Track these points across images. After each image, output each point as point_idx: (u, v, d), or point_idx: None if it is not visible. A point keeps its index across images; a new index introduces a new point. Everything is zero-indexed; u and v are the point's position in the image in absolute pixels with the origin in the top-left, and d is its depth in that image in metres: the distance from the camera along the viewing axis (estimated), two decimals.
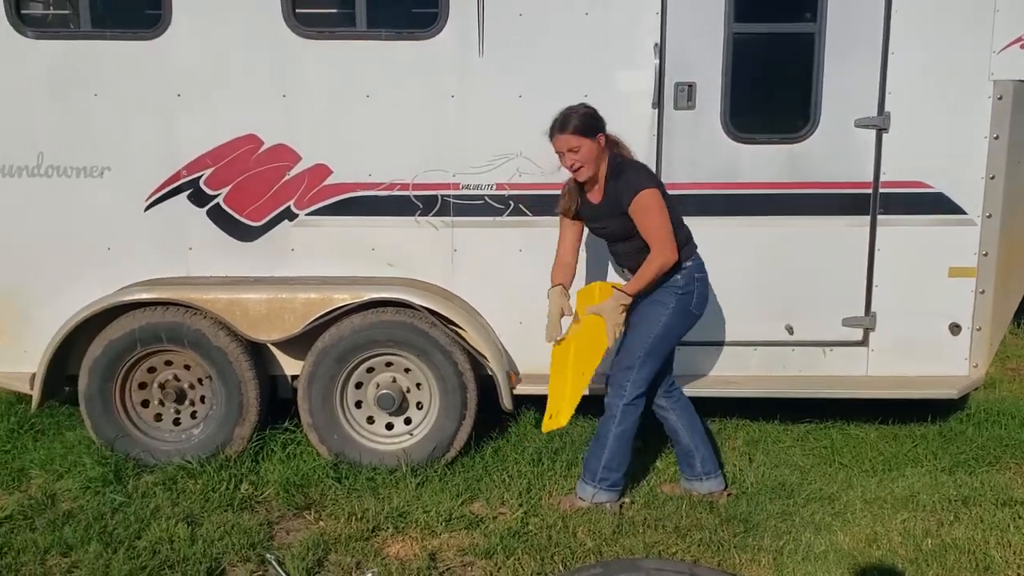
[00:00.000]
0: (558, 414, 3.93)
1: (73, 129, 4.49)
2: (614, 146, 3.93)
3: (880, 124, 4.45)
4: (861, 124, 4.46)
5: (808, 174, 4.51)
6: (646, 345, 3.93)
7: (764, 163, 4.50)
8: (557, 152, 3.87)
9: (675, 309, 3.91)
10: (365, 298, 4.37)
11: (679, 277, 3.90)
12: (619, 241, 3.97)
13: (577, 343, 3.98)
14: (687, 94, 4.43)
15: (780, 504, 4.08)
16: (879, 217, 4.54)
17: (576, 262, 4.13)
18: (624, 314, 3.88)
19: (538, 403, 4.83)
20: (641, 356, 3.93)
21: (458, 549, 3.72)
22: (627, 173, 3.84)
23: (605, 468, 4.01)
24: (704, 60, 4.41)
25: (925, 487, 4.22)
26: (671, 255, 3.78)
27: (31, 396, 4.48)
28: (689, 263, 3.91)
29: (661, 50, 4.39)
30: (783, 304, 4.65)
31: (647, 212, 3.76)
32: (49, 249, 4.58)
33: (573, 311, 4.03)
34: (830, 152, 4.49)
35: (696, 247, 3.99)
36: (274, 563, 3.54)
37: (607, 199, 3.89)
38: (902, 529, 3.84)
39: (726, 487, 4.20)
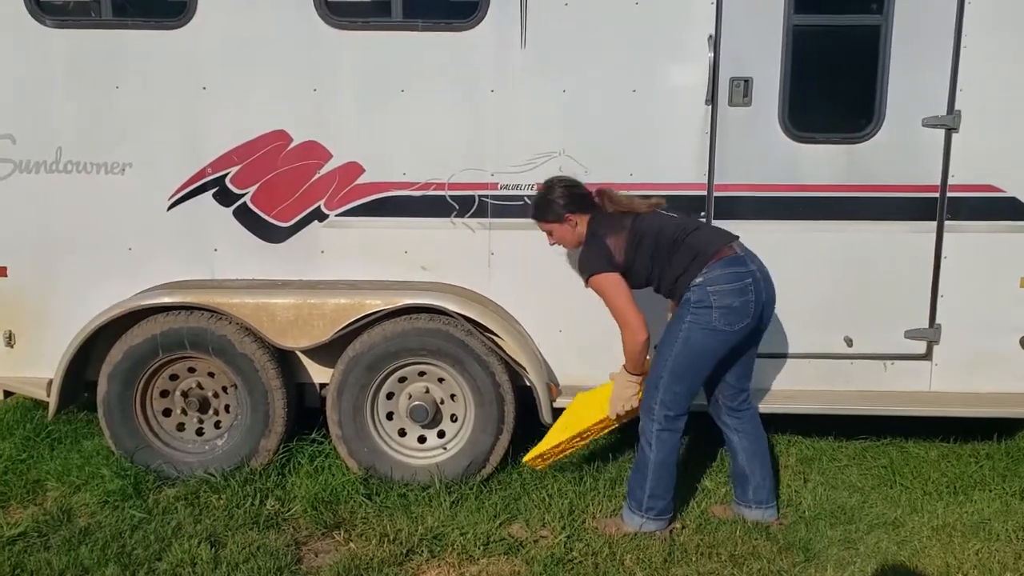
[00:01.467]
0: (539, 455, 4.04)
1: (93, 123, 4.27)
2: (598, 204, 3.86)
3: (949, 123, 4.16)
4: (929, 123, 4.17)
5: (870, 176, 4.23)
6: (667, 364, 3.67)
7: (824, 164, 4.22)
8: None
9: (692, 323, 3.62)
10: (398, 304, 4.13)
11: (690, 294, 3.63)
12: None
13: (584, 402, 4.05)
14: (743, 90, 4.15)
15: (841, 530, 3.81)
16: (946, 223, 4.25)
17: None
18: (635, 392, 3.81)
19: None
20: (665, 376, 3.68)
21: None
22: (585, 250, 3.81)
23: (651, 497, 3.75)
24: (762, 54, 4.13)
25: (996, 513, 3.94)
26: (636, 334, 3.66)
27: (47, 402, 4.27)
28: (699, 279, 3.61)
29: (716, 43, 4.11)
30: (842, 314, 4.36)
31: (602, 295, 3.73)
32: (67, 249, 4.37)
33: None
34: (895, 153, 4.20)
35: (712, 259, 3.63)
36: None
37: None
38: (976, 561, 3.56)
39: (778, 518, 3.93)
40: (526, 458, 4.09)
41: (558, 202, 3.82)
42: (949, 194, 4.22)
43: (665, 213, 3.85)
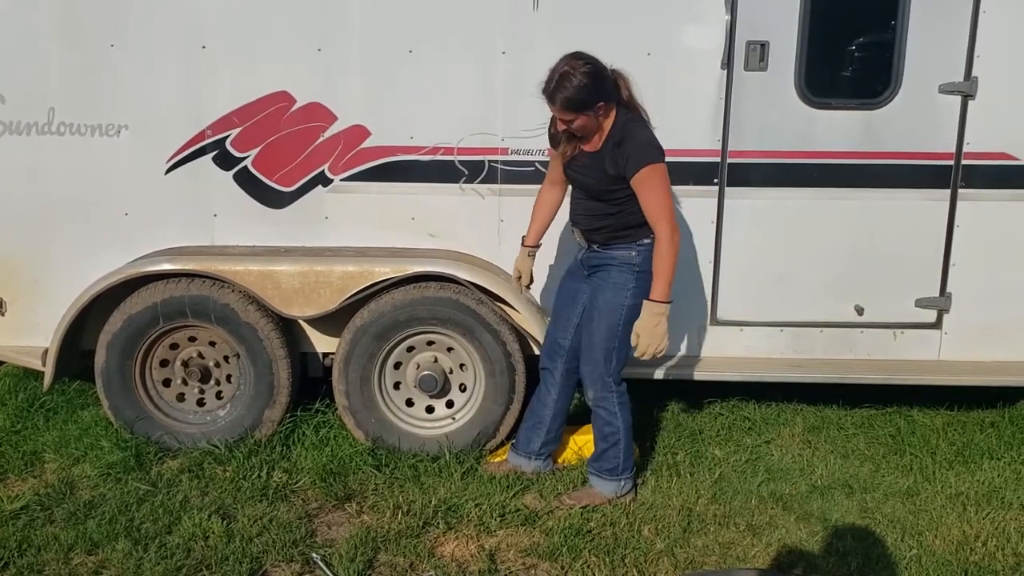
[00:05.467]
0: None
1: (87, 83, 4.11)
2: (621, 89, 3.50)
3: (966, 90, 4.11)
4: (945, 90, 4.11)
5: (886, 143, 4.17)
6: (616, 335, 3.61)
7: (839, 130, 4.15)
8: None
9: (635, 291, 3.55)
10: (409, 272, 4.03)
11: (635, 254, 3.56)
12: (589, 198, 3.61)
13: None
14: (759, 54, 4.07)
15: (857, 500, 3.80)
16: (960, 191, 4.21)
17: (561, 201, 3.83)
18: (665, 325, 3.46)
19: None
20: (616, 346, 3.63)
21: (518, 549, 3.43)
22: (633, 141, 3.43)
23: (626, 458, 3.75)
24: (779, 17, 4.04)
25: (1007, 482, 3.95)
26: (676, 231, 3.43)
27: (41, 372, 4.14)
28: (648, 240, 3.53)
29: (732, 5, 4.02)
30: (853, 283, 4.32)
31: (653, 188, 3.41)
32: (61, 214, 4.23)
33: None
34: (910, 120, 4.14)
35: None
36: (321, 564, 3.24)
37: (604, 156, 3.50)
38: (993, 530, 3.57)
39: (552, 468, 4.00)
40: (490, 456, 4.14)
41: (589, 89, 3.35)
42: (964, 162, 4.18)
43: None
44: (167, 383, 4.23)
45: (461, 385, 4.22)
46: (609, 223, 3.57)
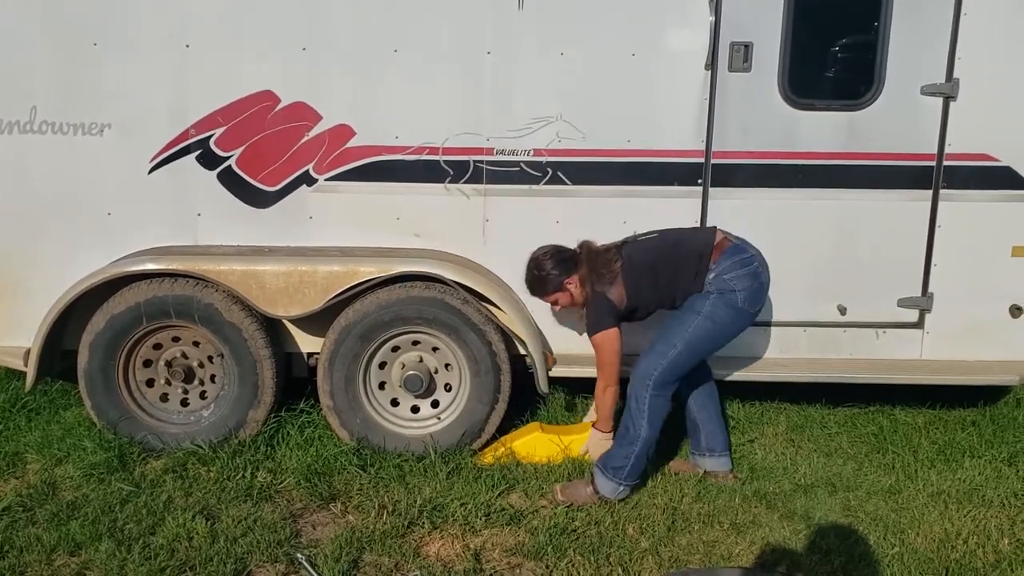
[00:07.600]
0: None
1: (70, 81, 4.09)
2: (581, 257, 3.88)
3: (948, 92, 4.14)
4: (928, 91, 4.15)
5: (868, 144, 4.20)
6: (685, 336, 3.70)
7: (822, 131, 4.18)
8: None
9: (717, 302, 3.67)
10: (394, 271, 4.02)
11: (709, 287, 3.71)
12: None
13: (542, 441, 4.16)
14: (743, 55, 4.09)
15: (840, 498, 3.82)
16: (941, 191, 4.24)
17: None
18: (606, 445, 3.89)
19: (572, 385, 4.58)
20: (679, 347, 3.70)
21: (503, 548, 3.43)
22: (590, 310, 3.85)
23: (635, 465, 3.74)
24: (763, 18, 4.06)
25: (988, 480, 3.98)
26: (611, 387, 3.86)
27: (24, 372, 4.12)
28: (711, 275, 3.69)
29: (716, 6, 4.04)
30: (836, 282, 4.35)
31: (599, 352, 3.82)
32: (43, 213, 4.20)
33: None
34: (893, 121, 4.17)
35: (715, 253, 3.72)
36: (306, 564, 3.23)
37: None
38: (973, 528, 3.60)
39: (732, 469, 4.02)
40: (479, 456, 4.14)
41: (552, 273, 3.88)
42: (945, 163, 4.21)
43: (642, 239, 3.90)
44: (150, 383, 4.21)
45: (446, 385, 4.22)
46: (676, 303, 3.83)
